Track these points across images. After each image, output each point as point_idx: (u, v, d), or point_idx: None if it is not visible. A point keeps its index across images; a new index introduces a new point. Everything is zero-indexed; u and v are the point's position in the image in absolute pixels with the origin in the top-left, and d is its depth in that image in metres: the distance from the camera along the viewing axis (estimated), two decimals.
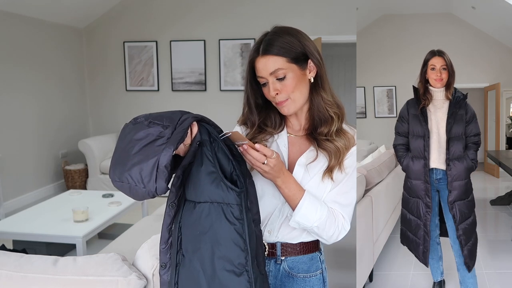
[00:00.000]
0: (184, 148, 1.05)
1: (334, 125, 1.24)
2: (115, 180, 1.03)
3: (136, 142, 1.00)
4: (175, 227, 1.10)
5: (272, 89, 1.20)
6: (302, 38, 1.22)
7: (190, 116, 1.04)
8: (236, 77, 5.92)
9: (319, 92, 1.25)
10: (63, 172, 5.72)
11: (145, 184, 0.98)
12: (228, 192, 1.04)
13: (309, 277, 1.31)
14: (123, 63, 6.18)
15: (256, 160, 1.10)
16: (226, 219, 1.04)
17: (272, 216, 1.26)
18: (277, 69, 1.19)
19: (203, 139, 1.05)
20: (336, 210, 1.24)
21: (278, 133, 1.29)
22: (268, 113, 1.29)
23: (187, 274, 1.08)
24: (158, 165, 0.97)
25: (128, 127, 1.05)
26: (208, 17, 5.88)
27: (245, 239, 1.04)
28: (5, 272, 1.34)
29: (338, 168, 1.23)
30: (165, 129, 1.00)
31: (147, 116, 1.04)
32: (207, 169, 1.05)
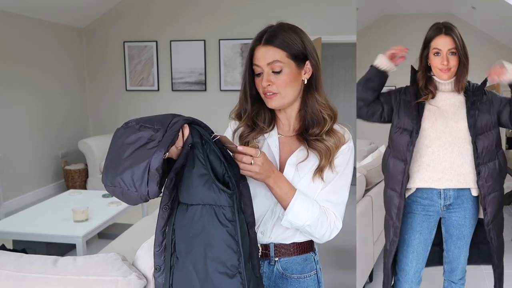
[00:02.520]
0: (176, 151, 1.05)
1: (326, 126, 1.24)
2: (107, 184, 1.03)
3: (127, 146, 1.00)
4: (168, 229, 1.10)
5: (265, 80, 1.20)
6: (305, 38, 1.23)
7: (181, 118, 1.03)
8: (236, 77, 5.91)
9: (313, 94, 1.25)
10: (63, 172, 5.72)
11: (137, 187, 0.98)
12: (220, 194, 1.03)
13: (303, 278, 1.30)
14: (123, 63, 6.18)
15: (244, 163, 1.10)
16: (218, 221, 1.04)
17: (265, 217, 1.26)
18: (275, 60, 1.19)
19: (195, 141, 1.05)
20: (328, 209, 1.24)
21: (269, 132, 1.29)
22: (259, 108, 1.29)
23: (180, 277, 1.08)
24: (149, 168, 0.97)
25: (119, 132, 1.05)
26: (208, 17, 5.88)
27: (237, 241, 1.04)
28: (5, 272, 1.34)
29: (329, 167, 1.23)
30: (156, 132, 1.00)
31: (138, 120, 1.04)
32: (198, 171, 1.04)
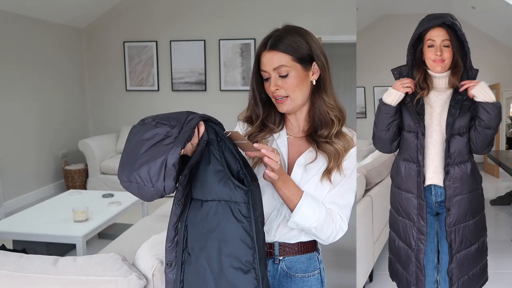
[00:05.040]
0: (191, 148, 1.06)
1: (334, 128, 1.25)
2: (123, 180, 1.04)
3: (144, 142, 1.01)
4: (181, 225, 1.11)
5: (273, 85, 1.22)
6: (310, 40, 1.24)
7: (197, 116, 1.05)
8: (236, 77, 5.92)
9: (321, 95, 1.26)
10: (63, 172, 5.72)
11: (153, 183, 0.99)
12: (236, 191, 1.04)
13: (307, 277, 1.31)
14: (123, 63, 6.18)
15: (269, 158, 1.09)
16: (234, 217, 1.05)
17: (271, 216, 1.27)
18: (281, 65, 1.20)
19: (210, 138, 1.06)
20: (334, 211, 1.25)
21: (278, 132, 1.30)
22: (269, 110, 1.30)
23: (193, 272, 1.09)
24: (166, 164, 0.98)
25: (136, 128, 1.06)
26: (208, 17, 5.88)
27: (252, 237, 1.05)
28: (5, 272, 1.34)
29: (337, 170, 1.24)
30: (172, 128, 1.02)
31: (155, 117, 1.06)
32: (214, 167, 1.05)
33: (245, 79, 5.85)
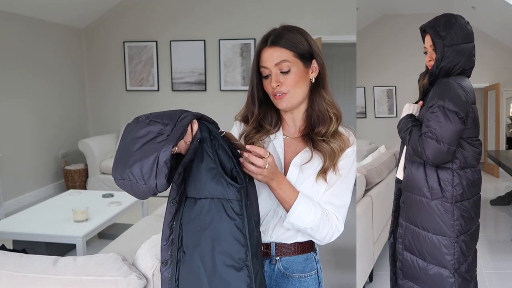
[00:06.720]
0: (185, 146, 1.06)
1: (332, 126, 1.25)
2: (117, 178, 1.04)
3: (137, 139, 1.02)
4: (176, 224, 1.11)
5: (274, 81, 1.21)
6: (309, 38, 1.25)
7: (190, 114, 1.06)
8: (236, 77, 5.91)
9: (320, 92, 1.27)
10: (63, 172, 5.72)
11: (146, 180, 1.00)
12: (228, 188, 1.05)
13: (304, 277, 1.31)
14: (123, 63, 6.18)
15: (256, 166, 1.10)
16: (227, 214, 1.05)
17: (267, 216, 1.27)
18: (282, 60, 1.21)
19: (204, 136, 1.07)
20: (330, 212, 1.25)
21: (274, 133, 1.30)
22: (266, 110, 1.30)
23: (187, 270, 1.09)
24: (158, 161, 0.98)
25: (130, 126, 1.07)
26: (208, 17, 5.88)
27: (245, 234, 1.05)
28: (5, 272, 1.34)
29: (332, 170, 1.24)
30: (165, 126, 1.02)
31: (148, 115, 1.06)
32: (207, 165, 1.06)
33: (245, 79, 5.85)
